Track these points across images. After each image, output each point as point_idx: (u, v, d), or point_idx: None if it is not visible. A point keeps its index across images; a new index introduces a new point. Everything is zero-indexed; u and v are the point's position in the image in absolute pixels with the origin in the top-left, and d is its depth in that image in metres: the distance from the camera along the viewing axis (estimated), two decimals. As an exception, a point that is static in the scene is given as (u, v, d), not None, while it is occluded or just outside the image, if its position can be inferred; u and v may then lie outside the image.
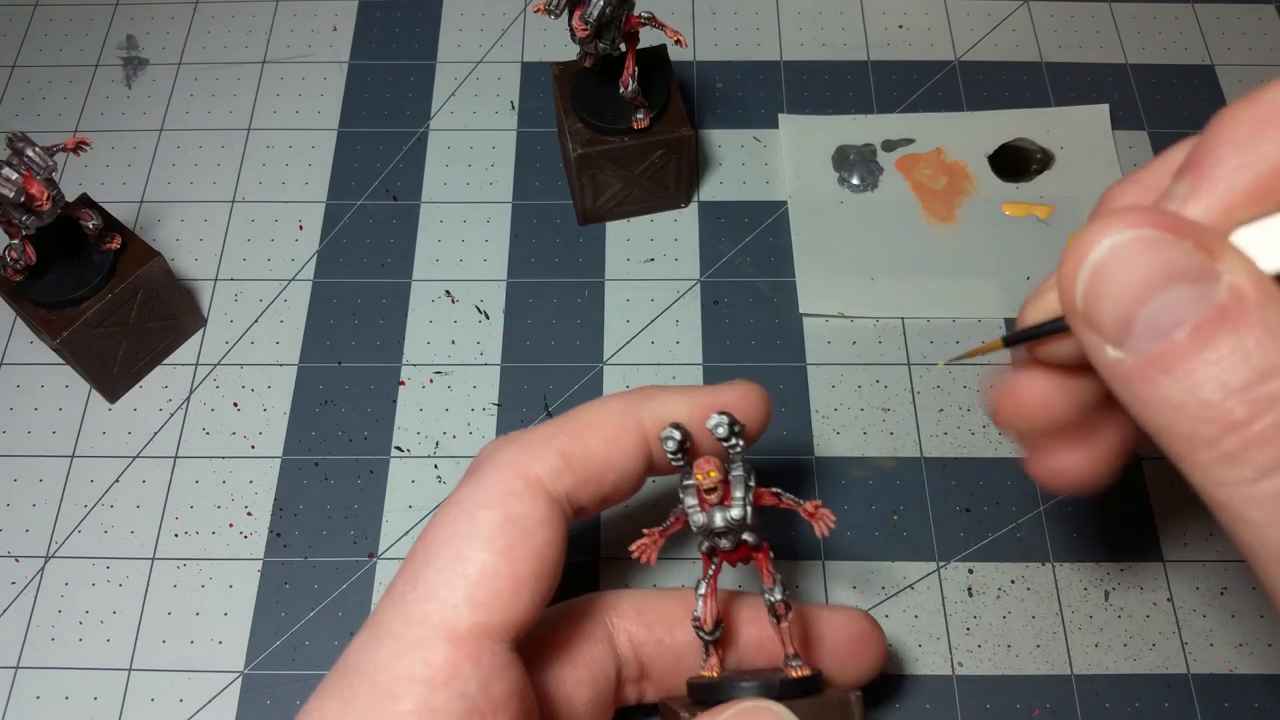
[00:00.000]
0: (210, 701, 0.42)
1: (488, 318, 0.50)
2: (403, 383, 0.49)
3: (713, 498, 0.30)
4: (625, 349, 0.49)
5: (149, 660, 0.43)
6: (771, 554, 0.31)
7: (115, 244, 0.45)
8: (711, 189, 0.54)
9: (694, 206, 0.53)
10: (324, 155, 0.55)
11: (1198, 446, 0.21)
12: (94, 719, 0.42)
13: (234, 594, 0.44)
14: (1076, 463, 0.29)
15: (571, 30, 0.45)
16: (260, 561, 0.45)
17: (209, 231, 0.53)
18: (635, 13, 0.46)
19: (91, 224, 0.44)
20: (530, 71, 0.58)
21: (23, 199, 0.41)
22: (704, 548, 0.31)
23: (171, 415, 0.48)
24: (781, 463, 0.46)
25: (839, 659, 0.35)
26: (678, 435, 0.30)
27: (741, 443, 0.31)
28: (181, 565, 0.45)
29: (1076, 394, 0.28)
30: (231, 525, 0.45)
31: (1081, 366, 0.26)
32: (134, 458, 0.47)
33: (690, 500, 0.31)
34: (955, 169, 0.54)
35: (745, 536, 0.30)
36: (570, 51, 0.49)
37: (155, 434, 0.48)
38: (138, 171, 0.54)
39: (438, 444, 0.47)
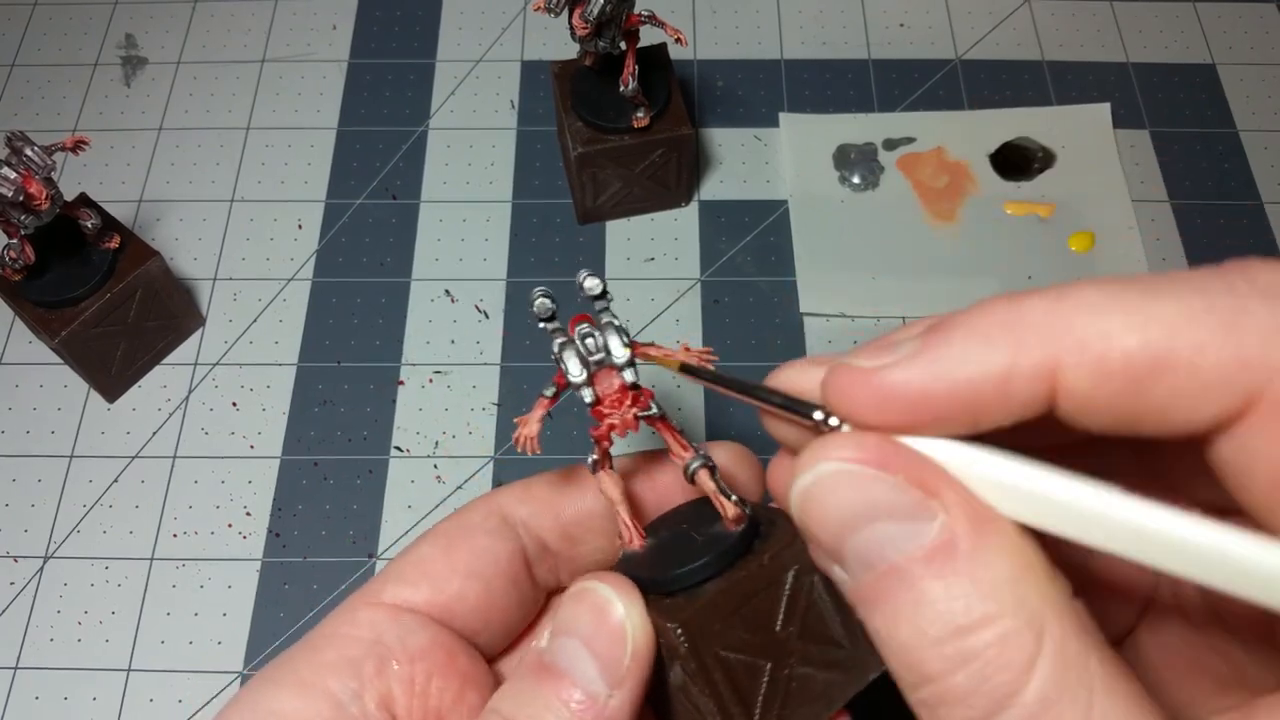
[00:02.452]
0: (209, 702, 0.42)
1: (487, 317, 0.50)
2: (402, 382, 0.49)
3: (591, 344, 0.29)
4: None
5: (148, 660, 0.43)
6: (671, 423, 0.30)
7: (114, 243, 0.45)
8: (712, 188, 0.54)
9: (694, 205, 0.53)
10: (323, 154, 0.55)
11: (902, 685, 0.20)
12: (93, 719, 0.42)
13: (233, 594, 0.44)
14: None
15: (571, 29, 0.45)
16: (259, 562, 0.45)
17: (208, 231, 0.53)
18: (635, 11, 0.45)
19: (90, 223, 0.44)
20: (530, 70, 0.58)
21: (21, 198, 0.41)
22: (596, 432, 0.29)
23: (170, 415, 0.48)
24: (782, 462, 0.46)
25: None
26: (550, 295, 0.30)
27: (610, 304, 0.30)
28: (180, 565, 0.45)
29: None
30: (230, 525, 0.45)
31: None
32: (133, 458, 0.47)
33: (569, 356, 0.29)
34: (956, 168, 0.54)
35: (626, 375, 0.29)
36: (570, 50, 0.49)
37: (154, 434, 0.47)
38: (136, 171, 0.54)
39: (437, 444, 0.47)
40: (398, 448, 0.47)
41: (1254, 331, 0.19)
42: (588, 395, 0.29)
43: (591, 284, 0.30)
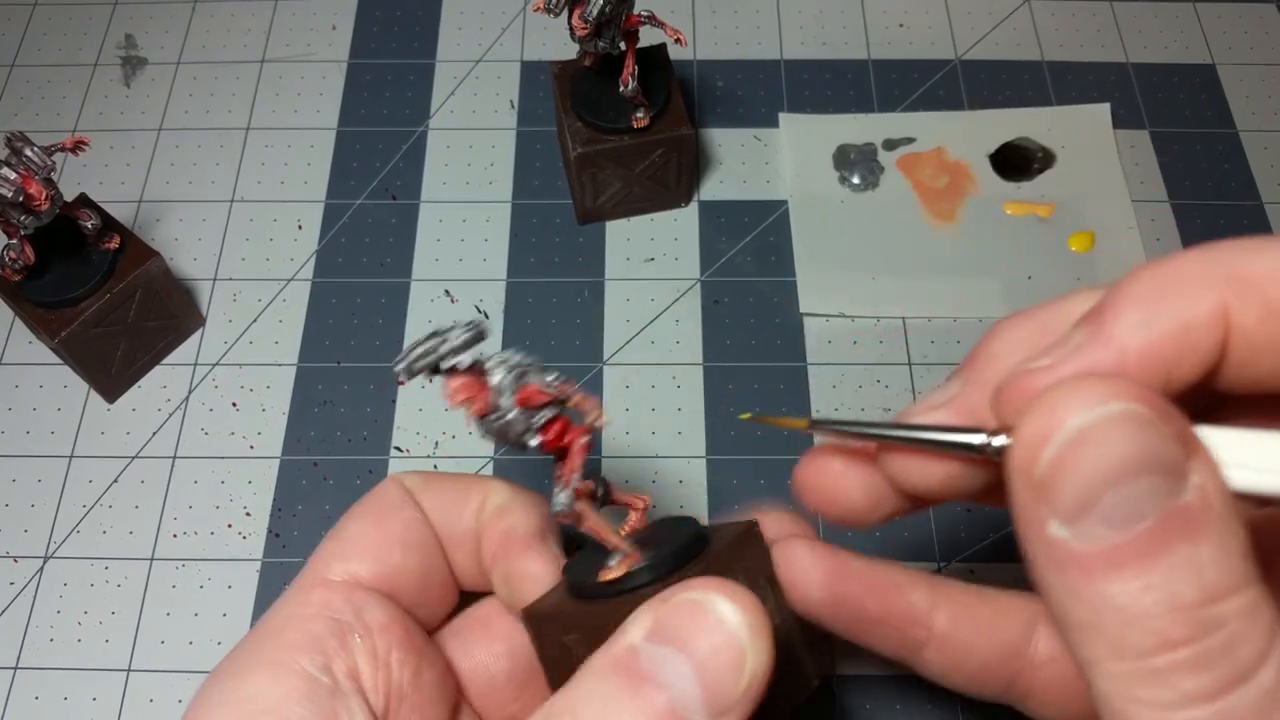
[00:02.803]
0: (209, 702, 0.42)
1: (487, 317, 0.50)
2: (402, 382, 0.49)
3: (474, 411, 0.27)
4: (625, 349, 0.49)
5: (148, 660, 0.43)
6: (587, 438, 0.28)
7: (114, 244, 0.45)
8: (712, 188, 0.54)
9: (694, 206, 0.53)
10: (323, 154, 0.55)
11: (1124, 655, 0.19)
12: (93, 719, 0.42)
13: (233, 595, 0.44)
14: (853, 501, 0.27)
15: (571, 29, 0.45)
16: (259, 562, 0.45)
17: (207, 231, 0.53)
18: (635, 11, 0.45)
19: (90, 224, 0.44)
20: (530, 70, 0.58)
21: (21, 199, 0.41)
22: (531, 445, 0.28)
23: (170, 415, 0.48)
24: (781, 463, 0.46)
25: None
26: (421, 362, 0.27)
27: (478, 347, 0.27)
28: (180, 566, 0.45)
29: (893, 501, 0.27)
30: (230, 526, 0.45)
31: (927, 498, 0.25)
32: (133, 458, 0.47)
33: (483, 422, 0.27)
34: (956, 168, 0.54)
35: (556, 419, 0.27)
36: (570, 50, 0.49)
37: (154, 434, 0.47)
38: (136, 171, 0.54)
39: (437, 444, 0.47)
40: (398, 448, 0.47)
41: None
42: (533, 440, 0.28)
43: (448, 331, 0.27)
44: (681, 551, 0.27)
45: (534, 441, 0.27)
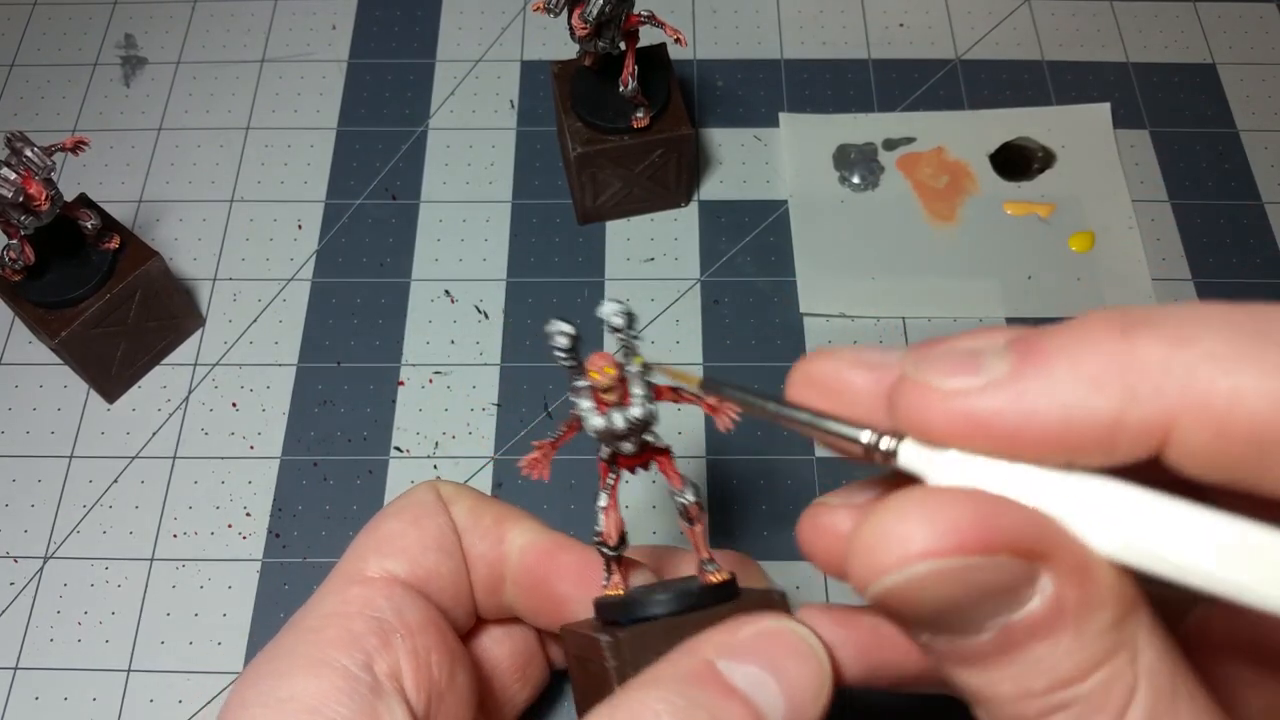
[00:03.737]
0: (209, 702, 0.42)
1: (487, 317, 0.50)
2: (402, 383, 0.49)
3: (610, 398, 0.27)
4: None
5: (148, 661, 0.43)
6: (674, 456, 0.29)
7: (114, 244, 0.45)
8: (712, 188, 0.54)
9: (694, 206, 0.53)
10: (323, 154, 0.55)
11: None
12: (93, 719, 0.42)
13: (233, 595, 0.44)
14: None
15: (571, 29, 0.45)
16: (259, 562, 0.45)
17: (207, 231, 0.53)
18: (635, 11, 0.45)
19: (90, 224, 0.44)
20: (530, 70, 0.58)
21: (21, 199, 0.41)
22: (603, 455, 0.28)
23: (170, 415, 0.48)
24: (782, 463, 0.46)
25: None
26: (570, 331, 0.26)
27: (636, 335, 0.27)
28: (180, 566, 0.45)
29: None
30: (230, 526, 0.45)
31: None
32: (132, 458, 0.47)
33: (585, 403, 0.27)
34: (956, 168, 0.54)
35: (647, 437, 0.28)
36: (570, 50, 0.49)
37: (154, 434, 0.47)
38: (136, 171, 0.54)
39: (437, 444, 0.47)
40: (398, 448, 0.47)
41: None
42: (605, 452, 0.28)
43: (609, 310, 0.27)
44: (719, 589, 0.28)
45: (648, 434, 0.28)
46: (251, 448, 0.47)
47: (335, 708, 0.26)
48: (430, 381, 0.49)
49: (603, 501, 0.29)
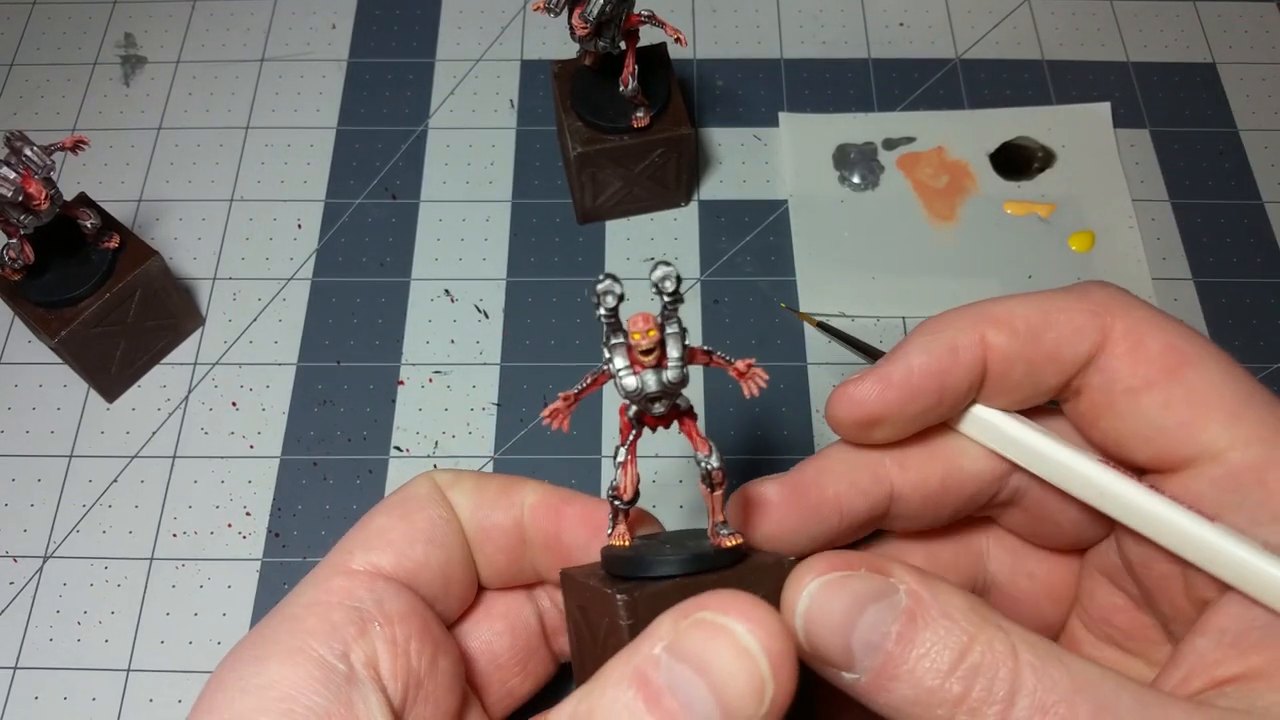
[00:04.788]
0: (209, 702, 0.42)
1: (487, 317, 0.50)
2: (402, 382, 0.48)
3: (649, 360, 0.27)
4: (625, 348, 0.49)
5: (147, 661, 0.43)
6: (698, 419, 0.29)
7: (113, 243, 0.45)
8: (712, 188, 0.54)
9: (694, 205, 0.53)
10: (322, 154, 0.55)
11: None
12: (93, 719, 0.42)
13: (232, 594, 0.44)
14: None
15: (571, 28, 0.45)
16: (259, 562, 0.45)
17: (207, 230, 0.53)
18: (635, 10, 0.45)
19: (90, 223, 0.44)
20: (529, 70, 0.57)
21: (21, 198, 0.41)
22: (630, 413, 0.29)
23: (170, 415, 0.48)
24: (782, 463, 0.46)
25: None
26: (621, 292, 0.27)
27: (682, 300, 0.28)
28: (180, 565, 0.45)
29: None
30: (230, 525, 0.45)
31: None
32: (132, 457, 0.47)
33: (620, 361, 0.27)
34: (956, 167, 0.54)
35: (677, 400, 0.28)
36: (570, 50, 0.49)
37: (153, 434, 0.47)
38: (136, 170, 0.54)
39: (437, 444, 0.47)
40: (397, 448, 0.47)
41: (1090, 301, 0.30)
42: (631, 411, 0.29)
43: (661, 274, 0.27)
44: (731, 553, 0.28)
45: (680, 398, 0.29)
46: (251, 447, 0.47)
47: (311, 697, 0.27)
48: (430, 381, 0.49)
49: (621, 457, 0.29)
